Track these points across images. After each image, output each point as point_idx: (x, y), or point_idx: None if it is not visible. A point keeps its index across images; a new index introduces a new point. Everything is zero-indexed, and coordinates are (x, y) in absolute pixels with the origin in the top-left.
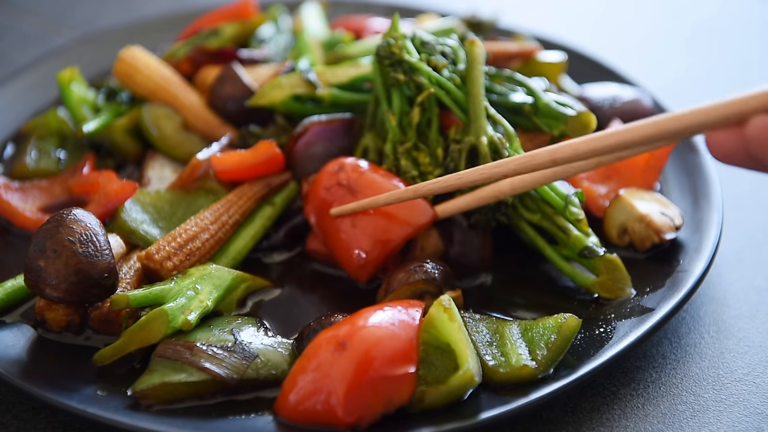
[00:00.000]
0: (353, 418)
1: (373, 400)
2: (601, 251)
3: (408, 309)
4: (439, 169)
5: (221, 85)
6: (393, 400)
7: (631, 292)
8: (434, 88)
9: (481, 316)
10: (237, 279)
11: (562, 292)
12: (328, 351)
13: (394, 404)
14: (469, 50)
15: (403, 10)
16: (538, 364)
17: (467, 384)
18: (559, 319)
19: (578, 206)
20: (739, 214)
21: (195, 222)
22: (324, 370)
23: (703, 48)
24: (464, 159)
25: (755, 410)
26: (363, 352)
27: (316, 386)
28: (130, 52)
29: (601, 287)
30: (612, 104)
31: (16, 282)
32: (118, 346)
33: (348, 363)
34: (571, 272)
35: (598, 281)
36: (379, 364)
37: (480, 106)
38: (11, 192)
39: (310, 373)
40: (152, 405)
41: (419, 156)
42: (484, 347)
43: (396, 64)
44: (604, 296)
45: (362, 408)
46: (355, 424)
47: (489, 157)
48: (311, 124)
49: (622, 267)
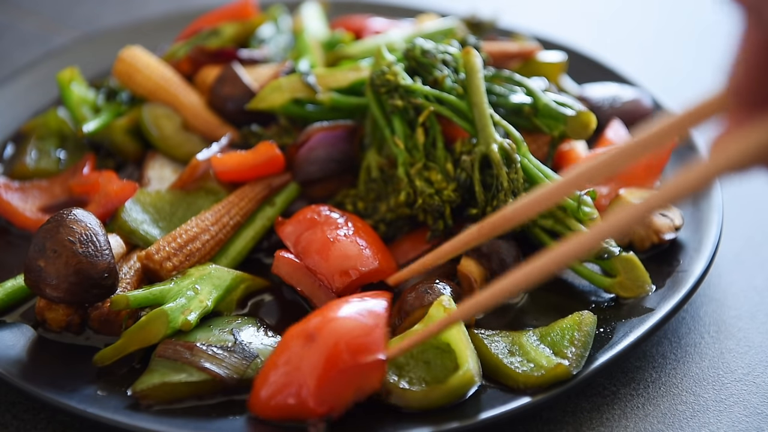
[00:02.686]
0: (325, 409)
1: (344, 390)
2: (617, 251)
3: (375, 299)
4: (453, 183)
5: (221, 85)
6: (364, 388)
7: (650, 289)
8: (434, 105)
9: (493, 332)
10: (237, 279)
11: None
12: (297, 345)
13: (365, 391)
14: (466, 60)
15: (403, 10)
16: (571, 362)
17: (467, 384)
18: (576, 318)
19: (591, 205)
20: (739, 214)
21: (196, 223)
22: (294, 363)
23: (704, 48)
24: (477, 169)
25: (755, 410)
26: (332, 344)
27: (287, 380)
28: (130, 52)
29: (620, 287)
30: (612, 104)
31: (16, 282)
32: (118, 347)
33: (317, 355)
34: (589, 275)
35: (617, 282)
36: (348, 354)
37: (485, 114)
38: (11, 192)
39: (281, 367)
40: (152, 405)
41: (431, 174)
42: (507, 358)
43: (392, 90)
44: (624, 296)
45: (334, 398)
46: (327, 415)
47: (501, 164)
48: (314, 131)
49: (639, 265)
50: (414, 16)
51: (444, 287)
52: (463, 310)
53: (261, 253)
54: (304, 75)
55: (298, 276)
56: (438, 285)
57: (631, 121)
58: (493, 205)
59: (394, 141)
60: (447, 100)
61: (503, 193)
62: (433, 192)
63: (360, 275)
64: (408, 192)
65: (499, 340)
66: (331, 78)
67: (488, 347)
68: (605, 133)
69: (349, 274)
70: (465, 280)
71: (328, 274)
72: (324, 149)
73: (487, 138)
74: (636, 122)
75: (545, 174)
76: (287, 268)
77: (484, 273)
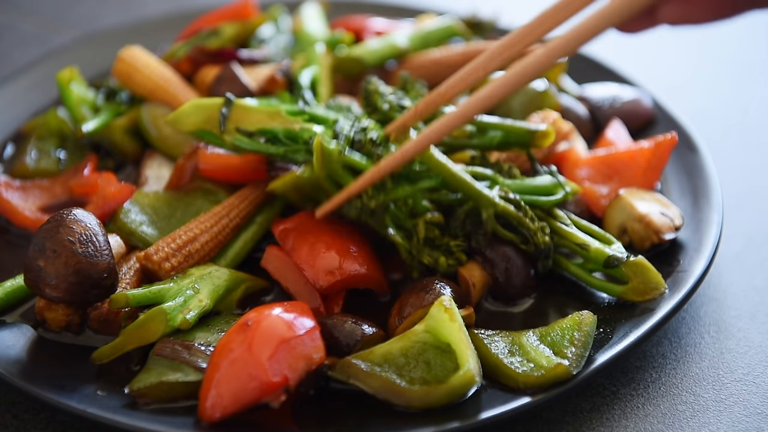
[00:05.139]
0: (280, 378)
1: (293, 360)
2: (625, 256)
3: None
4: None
5: (219, 85)
6: (312, 358)
7: (665, 290)
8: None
9: (493, 332)
10: (237, 279)
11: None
12: (236, 335)
13: (315, 361)
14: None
15: (403, 10)
16: (571, 362)
17: (468, 384)
18: (576, 318)
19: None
20: (739, 214)
21: (196, 224)
22: (236, 351)
23: (704, 48)
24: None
25: (755, 410)
26: (265, 321)
27: (233, 368)
28: (130, 51)
29: (633, 293)
30: (612, 104)
31: (16, 282)
32: (116, 345)
33: (254, 333)
34: (601, 285)
35: (630, 288)
36: (283, 326)
37: (471, 186)
38: (12, 190)
39: (224, 363)
40: (149, 403)
41: (435, 238)
42: (507, 358)
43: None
44: (639, 300)
45: (285, 367)
46: (284, 386)
47: (515, 212)
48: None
49: (650, 267)
50: (414, 16)
51: (444, 287)
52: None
53: (260, 253)
54: (225, 103)
55: (286, 271)
56: (438, 285)
57: (631, 121)
58: (538, 240)
59: (391, 237)
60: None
61: (536, 230)
62: (453, 263)
63: (345, 277)
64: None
65: (499, 340)
66: (246, 115)
67: (488, 347)
68: (605, 133)
69: (335, 273)
70: (464, 283)
71: (314, 271)
72: None
73: (486, 203)
74: (636, 122)
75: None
76: (276, 263)
77: (486, 279)
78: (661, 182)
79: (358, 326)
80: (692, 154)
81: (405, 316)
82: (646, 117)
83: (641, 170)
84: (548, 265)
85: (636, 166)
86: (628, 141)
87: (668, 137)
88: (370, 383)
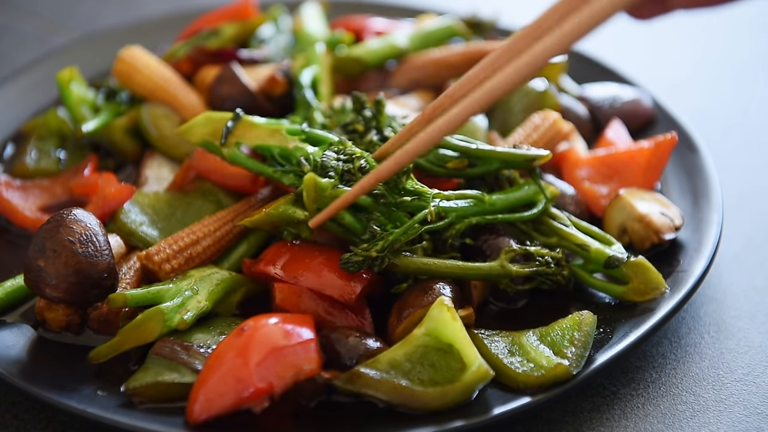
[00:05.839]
0: (266, 384)
1: (281, 369)
2: (626, 257)
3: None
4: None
5: (219, 85)
6: (303, 368)
7: (666, 290)
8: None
9: (493, 332)
10: (237, 281)
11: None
12: (232, 340)
13: (305, 372)
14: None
15: (403, 10)
16: (571, 362)
17: (482, 378)
18: (576, 318)
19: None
20: (740, 214)
21: (199, 227)
22: (229, 355)
23: (704, 48)
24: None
25: (755, 410)
26: (261, 328)
27: (223, 373)
28: (130, 51)
29: (634, 293)
30: (612, 104)
31: (16, 282)
32: (113, 344)
33: (249, 338)
34: (602, 286)
35: (630, 288)
36: (278, 334)
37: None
38: (12, 190)
39: (217, 363)
40: (144, 402)
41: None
42: (507, 358)
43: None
44: (639, 301)
45: (272, 374)
46: (270, 392)
47: (536, 241)
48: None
49: (650, 267)
50: (414, 16)
51: (443, 287)
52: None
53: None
54: (233, 117)
55: (306, 302)
56: (438, 285)
57: (631, 121)
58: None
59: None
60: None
61: (555, 272)
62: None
63: (370, 277)
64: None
65: (499, 340)
66: (249, 131)
67: (488, 347)
68: (605, 133)
69: (360, 277)
70: (465, 285)
71: (338, 286)
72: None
73: (498, 277)
74: (636, 122)
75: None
76: (293, 298)
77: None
78: (661, 182)
79: (361, 341)
80: (692, 154)
81: (405, 316)
82: (646, 117)
83: (641, 170)
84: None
85: (636, 166)
86: (628, 141)
87: (668, 137)
88: (383, 390)
